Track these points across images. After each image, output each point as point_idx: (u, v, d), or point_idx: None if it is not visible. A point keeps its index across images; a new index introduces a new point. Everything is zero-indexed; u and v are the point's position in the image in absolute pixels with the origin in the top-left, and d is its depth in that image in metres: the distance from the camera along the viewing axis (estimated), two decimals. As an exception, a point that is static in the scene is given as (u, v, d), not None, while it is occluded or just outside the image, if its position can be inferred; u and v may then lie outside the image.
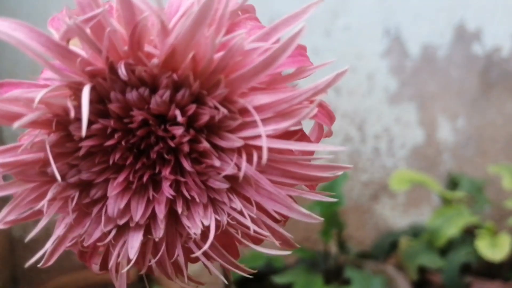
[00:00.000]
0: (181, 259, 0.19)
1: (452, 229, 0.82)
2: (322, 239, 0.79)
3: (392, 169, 0.96)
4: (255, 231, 0.18)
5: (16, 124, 0.15)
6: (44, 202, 0.17)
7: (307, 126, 0.19)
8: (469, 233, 0.84)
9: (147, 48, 0.15)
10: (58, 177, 0.16)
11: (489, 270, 0.83)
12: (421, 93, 0.96)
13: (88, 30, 0.15)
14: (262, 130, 0.15)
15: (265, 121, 0.16)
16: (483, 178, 0.92)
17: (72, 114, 0.15)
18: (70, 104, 0.15)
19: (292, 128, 0.17)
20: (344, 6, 0.90)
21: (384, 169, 0.96)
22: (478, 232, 0.79)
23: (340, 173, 0.19)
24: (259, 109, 0.16)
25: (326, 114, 0.18)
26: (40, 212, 0.18)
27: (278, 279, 0.73)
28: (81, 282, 0.81)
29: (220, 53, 0.15)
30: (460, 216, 0.84)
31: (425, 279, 0.82)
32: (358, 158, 0.95)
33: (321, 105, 0.18)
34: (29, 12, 0.80)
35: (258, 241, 0.20)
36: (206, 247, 0.17)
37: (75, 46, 0.16)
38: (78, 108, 0.16)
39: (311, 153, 0.19)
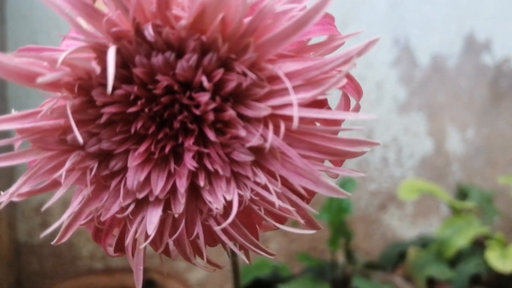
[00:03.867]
0: (201, 238, 0.18)
1: (461, 240, 0.81)
2: (329, 249, 0.78)
3: (401, 179, 0.95)
4: (280, 208, 0.17)
5: (39, 81, 0.14)
6: (62, 172, 0.16)
7: (332, 102, 0.18)
8: (478, 244, 0.83)
9: (175, 10, 0.15)
10: (81, 140, 0.15)
11: (499, 281, 0.81)
12: (430, 103, 0.96)
13: (115, -12, 0.14)
14: (293, 97, 0.15)
15: (294, 88, 0.16)
16: (493, 189, 0.91)
17: (98, 71, 0.14)
18: (95, 64, 0.15)
19: (320, 97, 0.16)
20: (354, 15, 0.90)
21: (392, 179, 0.95)
22: (488, 243, 0.78)
23: (367, 149, 0.18)
24: (288, 76, 0.16)
25: (354, 86, 0.18)
26: (56, 184, 0.17)
27: (284, 288, 0.72)
28: (86, 287, 0.80)
29: (250, 16, 0.15)
30: (470, 227, 0.83)
31: (434, 290, 0.81)
32: (366, 167, 0.95)
33: (349, 77, 0.17)
34: (42, 18, 0.81)
35: (281, 219, 0.19)
36: (229, 221, 0.17)
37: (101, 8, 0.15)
38: (102, 72, 0.15)
39: (338, 125, 0.18)
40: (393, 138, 0.96)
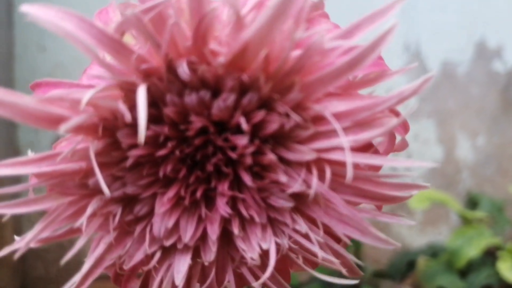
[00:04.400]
0: (232, 286, 0.17)
1: (473, 251, 0.80)
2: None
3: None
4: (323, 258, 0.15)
5: (62, 128, 0.12)
6: (83, 219, 0.15)
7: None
8: (490, 254, 0.81)
9: (212, 45, 0.13)
10: (105, 189, 0.13)
11: (511, 293, 0.80)
12: (440, 110, 0.94)
13: (147, 22, 0.13)
14: (344, 141, 0.13)
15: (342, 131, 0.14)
16: (504, 197, 0.89)
17: (128, 117, 0.13)
18: (122, 106, 0.13)
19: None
20: (364, 20, 0.89)
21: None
22: (499, 254, 0.77)
23: (415, 192, 0.16)
24: (335, 117, 0.14)
25: (402, 124, 0.16)
26: (77, 230, 0.16)
27: (294, 298, 0.70)
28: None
29: (297, 52, 0.13)
30: (481, 237, 0.82)
31: (445, 301, 0.79)
32: (375, 175, 0.93)
33: (396, 112, 0.16)
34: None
35: (315, 265, 0.17)
36: (267, 275, 0.15)
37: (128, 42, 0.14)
38: (129, 111, 0.14)
39: (379, 168, 0.17)
40: (403, 145, 0.95)
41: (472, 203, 0.93)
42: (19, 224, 0.78)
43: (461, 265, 0.79)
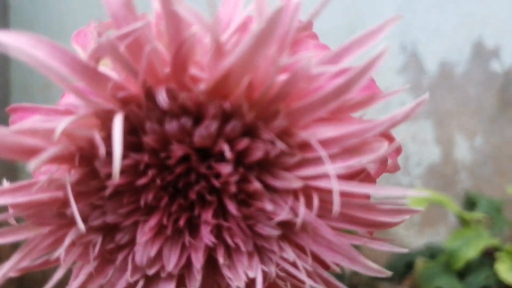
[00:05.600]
0: (218, 314, 0.16)
1: (471, 252, 0.80)
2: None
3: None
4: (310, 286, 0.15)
5: (32, 164, 0.12)
6: (61, 250, 0.14)
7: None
8: (488, 255, 0.81)
9: (192, 70, 0.13)
10: (80, 222, 0.13)
11: (509, 295, 0.79)
12: (438, 110, 0.94)
13: (123, 49, 0.12)
14: (330, 168, 0.13)
15: (329, 158, 0.13)
16: (502, 198, 0.89)
17: (103, 150, 0.12)
18: (98, 137, 0.12)
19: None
20: (361, 20, 0.88)
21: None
22: (497, 255, 0.76)
23: (407, 217, 0.16)
24: (323, 143, 0.13)
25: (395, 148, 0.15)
26: (56, 259, 0.15)
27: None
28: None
29: (281, 78, 0.12)
30: (480, 238, 0.81)
31: (443, 303, 0.79)
32: (373, 176, 0.93)
33: (388, 137, 0.15)
34: (46, 24, 0.79)
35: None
36: (253, 306, 0.14)
37: (105, 67, 0.13)
38: (106, 140, 0.13)
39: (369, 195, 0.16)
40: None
41: (470, 203, 0.93)
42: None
43: (460, 266, 0.78)
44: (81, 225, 0.12)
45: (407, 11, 0.91)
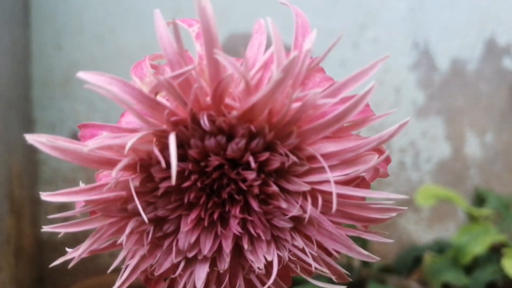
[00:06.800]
0: (242, 288, 0.20)
1: (478, 247, 0.81)
2: (345, 252, 0.79)
3: (418, 183, 0.95)
4: (315, 268, 0.19)
5: (114, 172, 0.16)
6: (124, 236, 0.18)
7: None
8: (495, 251, 0.83)
9: (227, 100, 0.17)
10: (143, 215, 0.17)
11: (515, 289, 0.81)
12: (449, 107, 0.96)
13: (176, 85, 0.16)
14: (330, 176, 0.17)
15: (331, 168, 0.17)
16: (511, 194, 0.91)
17: (163, 162, 0.16)
18: (157, 151, 0.17)
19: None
20: (373, 18, 0.90)
21: (409, 183, 0.96)
22: (505, 250, 0.78)
23: (394, 214, 0.20)
24: (325, 156, 0.17)
25: (384, 159, 0.19)
26: (115, 244, 0.19)
27: (299, 292, 0.73)
28: (106, 286, 0.82)
29: (294, 107, 0.17)
30: (487, 234, 0.83)
31: (450, 296, 0.82)
32: (384, 171, 0.95)
33: (379, 150, 0.19)
34: (65, 21, 0.83)
35: (310, 272, 0.21)
36: (270, 282, 0.19)
37: (159, 96, 0.17)
38: (161, 152, 0.17)
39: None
40: (411, 142, 0.97)
41: (480, 199, 0.94)
42: (37, 218, 0.82)
43: (467, 261, 0.80)
44: (144, 217, 0.17)
45: (419, 8, 0.92)
